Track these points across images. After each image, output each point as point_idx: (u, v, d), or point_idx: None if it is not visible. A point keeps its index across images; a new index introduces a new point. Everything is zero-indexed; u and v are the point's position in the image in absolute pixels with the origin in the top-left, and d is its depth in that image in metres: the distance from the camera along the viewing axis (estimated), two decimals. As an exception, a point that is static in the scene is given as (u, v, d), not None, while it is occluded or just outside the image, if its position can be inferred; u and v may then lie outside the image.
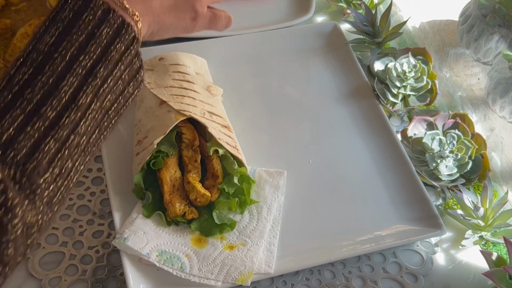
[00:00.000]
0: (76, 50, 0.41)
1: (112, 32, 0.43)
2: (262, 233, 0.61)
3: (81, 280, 0.59)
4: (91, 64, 0.42)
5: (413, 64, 0.78)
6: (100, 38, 0.42)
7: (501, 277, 0.57)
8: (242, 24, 0.87)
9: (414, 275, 0.63)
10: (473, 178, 0.71)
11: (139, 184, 0.61)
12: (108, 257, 0.61)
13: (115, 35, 0.43)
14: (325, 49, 0.85)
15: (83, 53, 0.41)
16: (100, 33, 0.42)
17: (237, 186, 0.61)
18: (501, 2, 0.78)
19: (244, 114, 0.75)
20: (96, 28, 0.42)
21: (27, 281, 0.58)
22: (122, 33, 0.44)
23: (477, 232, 0.67)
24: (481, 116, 0.79)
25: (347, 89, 0.80)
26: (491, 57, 0.82)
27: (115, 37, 0.43)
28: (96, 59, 0.42)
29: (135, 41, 0.45)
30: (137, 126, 0.66)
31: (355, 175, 0.70)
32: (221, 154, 0.62)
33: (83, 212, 0.64)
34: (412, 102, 0.78)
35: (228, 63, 0.80)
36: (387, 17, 0.83)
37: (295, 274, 0.62)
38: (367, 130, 0.75)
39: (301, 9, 0.91)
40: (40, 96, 0.39)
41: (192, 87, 0.67)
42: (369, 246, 0.62)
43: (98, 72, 0.42)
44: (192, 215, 0.60)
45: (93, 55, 0.42)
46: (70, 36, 0.41)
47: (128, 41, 0.44)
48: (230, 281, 0.57)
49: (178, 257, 0.58)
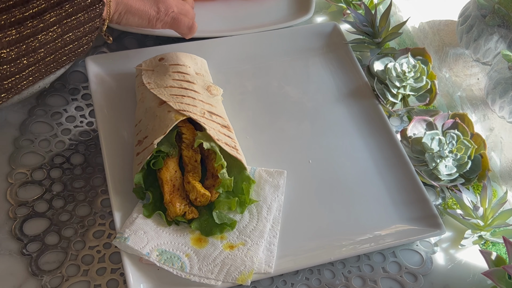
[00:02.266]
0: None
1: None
2: (262, 233, 0.61)
3: (82, 280, 0.59)
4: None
5: (413, 64, 0.78)
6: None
7: (500, 276, 0.57)
8: (242, 24, 0.87)
9: (414, 274, 0.63)
10: (472, 178, 0.71)
11: (139, 184, 0.61)
12: (109, 256, 0.61)
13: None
14: (325, 49, 0.85)
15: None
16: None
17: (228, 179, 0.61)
18: (500, 2, 0.78)
19: (244, 114, 0.75)
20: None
21: (27, 281, 0.59)
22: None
23: (476, 231, 0.67)
24: (480, 116, 0.79)
25: (347, 89, 0.80)
26: (491, 57, 0.82)
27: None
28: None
29: (101, 2, 0.56)
30: (137, 126, 0.66)
31: (354, 175, 0.70)
32: (206, 148, 0.61)
33: (83, 212, 0.64)
34: (412, 102, 0.79)
35: (228, 63, 0.80)
36: (386, 17, 0.84)
37: (295, 273, 0.62)
38: (367, 130, 0.75)
39: (301, 9, 0.91)
40: (12, 2, 0.48)
41: (192, 87, 0.67)
42: (368, 246, 0.62)
43: (63, 6, 0.52)
44: (192, 215, 0.61)
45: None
46: None
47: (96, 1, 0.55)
48: (230, 281, 0.57)
49: (178, 257, 0.58)
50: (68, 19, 0.53)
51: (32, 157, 0.68)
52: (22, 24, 0.49)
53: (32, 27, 0.50)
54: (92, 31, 0.58)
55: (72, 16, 0.53)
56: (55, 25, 0.52)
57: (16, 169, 0.67)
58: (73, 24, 0.54)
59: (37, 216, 0.63)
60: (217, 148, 0.61)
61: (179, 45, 0.79)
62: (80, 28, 0.55)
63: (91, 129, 0.72)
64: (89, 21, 0.56)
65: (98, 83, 0.73)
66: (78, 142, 0.71)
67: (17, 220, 0.63)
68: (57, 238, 0.62)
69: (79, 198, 0.65)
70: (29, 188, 0.66)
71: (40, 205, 0.64)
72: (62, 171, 0.67)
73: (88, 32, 0.57)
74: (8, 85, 0.52)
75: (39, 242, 0.61)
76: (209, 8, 0.90)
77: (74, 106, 0.74)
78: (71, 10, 0.53)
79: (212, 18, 0.88)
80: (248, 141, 0.71)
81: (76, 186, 0.66)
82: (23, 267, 0.59)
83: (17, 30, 0.49)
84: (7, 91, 0.53)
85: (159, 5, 0.67)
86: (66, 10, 0.52)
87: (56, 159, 0.68)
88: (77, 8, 0.54)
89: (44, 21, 0.51)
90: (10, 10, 0.49)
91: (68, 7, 0.52)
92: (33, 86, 0.58)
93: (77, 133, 0.71)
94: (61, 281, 0.59)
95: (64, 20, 0.53)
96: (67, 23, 0.53)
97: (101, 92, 0.72)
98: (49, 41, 0.53)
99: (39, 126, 0.71)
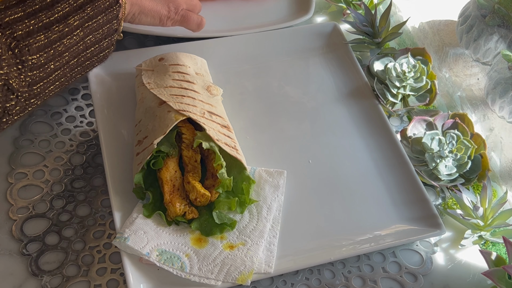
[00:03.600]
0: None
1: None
2: (262, 233, 0.61)
3: (82, 280, 0.59)
4: (82, 2, 0.53)
5: (413, 64, 0.78)
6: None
7: (500, 276, 0.57)
8: (242, 24, 0.87)
9: (414, 274, 0.63)
10: (472, 178, 0.71)
11: (139, 184, 0.61)
12: (109, 256, 0.61)
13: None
14: (325, 49, 0.85)
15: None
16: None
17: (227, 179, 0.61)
18: (500, 2, 0.78)
19: (244, 114, 0.75)
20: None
21: (27, 281, 0.59)
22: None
23: (476, 231, 0.67)
24: (480, 116, 0.79)
25: (347, 89, 0.80)
26: (491, 57, 0.82)
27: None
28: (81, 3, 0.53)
29: (117, 4, 0.56)
30: (137, 126, 0.66)
31: (354, 175, 0.70)
32: (206, 148, 0.62)
33: (83, 212, 0.64)
34: (412, 102, 0.79)
35: (228, 63, 0.80)
36: (386, 17, 0.84)
37: (295, 273, 0.62)
38: (367, 130, 0.75)
39: (301, 9, 0.91)
40: (38, 7, 0.50)
41: (192, 87, 0.68)
42: (368, 246, 0.62)
43: (86, 9, 0.53)
44: (192, 215, 0.61)
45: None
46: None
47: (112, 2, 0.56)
48: (230, 281, 0.57)
49: (178, 257, 0.58)
50: (89, 22, 0.54)
51: (32, 157, 0.68)
52: (49, 29, 0.50)
53: (59, 31, 0.51)
54: (111, 33, 0.58)
55: (93, 19, 0.54)
56: (78, 29, 0.53)
57: (16, 169, 0.67)
58: (93, 26, 0.55)
59: (37, 216, 0.63)
60: (216, 148, 0.62)
61: (179, 45, 0.79)
62: (99, 30, 0.56)
63: (91, 129, 0.72)
64: (107, 23, 0.56)
65: (98, 83, 0.73)
66: (78, 142, 0.71)
67: (17, 220, 0.63)
68: (57, 238, 0.62)
69: (79, 198, 0.65)
70: (29, 188, 0.66)
71: (40, 205, 0.64)
72: (62, 171, 0.67)
73: (107, 35, 0.58)
74: (37, 90, 0.52)
75: (39, 242, 0.61)
76: (209, 8, 0.90)
77: (74, 106, 0.74)
78: (92, 13, 0.54)
79: (212, 18, 0.88)
80: (248, 141, 0.71)
81: (76, 186, 0.66)
82: (23, 267, 0.59)
83: (45, 35, 0.50)
84: (36, 96, 0.53)
85: (170, 4, 0.68)
86: (88, 13, 0.53)
87: (56, 159, 0.68)
88: (97, 11, 0.54)
89: (69, 25, 0.52)
90: (37, 14, 0.50)
91: (89, 10, 0.53)
92: (60, 91, 0.58)
93: (77, 133, 0.71)
94: (61, 281, 0.59)
95: (86, 23, 0.54)
96: (88, 26, 0.54)
97: (101, 92, 0.72)
98: (73, 44, 0.53)
99: (39, 126, 0.71)
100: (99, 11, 0.54)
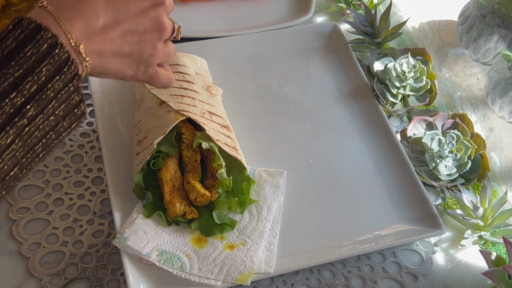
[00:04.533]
0: (9, 86, 0.38)
1: (53, 69, 0.40)
2: (262, 233, 0.61)
3: (82, 279, 0.59)
4: (22, 102, 0.38)
5: (413, 64, 0.78)
6: (39, 75, 0.39)
7: (500, 276, 0.57)
8: (242, 24, 0.88)
9: (414, 274, 0.63)
10: (472, 178, 0.71)
11: (139, 184, 0.61)
12: (109, 256, 0.61)
13: (55, 72, 0.40)
14: (325, 49, 0.85)
15: (15, 90, 0.38)
16: (40, 70, 0.39)
17: (226, 179, 0.61)
18: (500, 2, 0.78)
19: (244, 114, 0.75)
20: (37, 63, 0.39)
21: (27, 281, 0.59)
22: (63, 71, 0.40)
23: (476, 232, 0.67)
24: (480, 116, 0.79)
25: (347, 89, 0.80)
26: (491, 57, 0.82)
27: (55, 75, 0.40)
28: (28, 97, 0.39)
29: (75, 78, 0.42)
30: (137, 126, 0.66)
31: (354, 175, 0.70)
32: (205, 148, 0.61)
33: (83, 212, 0.64)
34: (412, 102, 0.79)
35: (228, 63, 0.80)
36: (386, 18, 0.84)
37: (295, 273, 0.62)
38: (367, 130, 0.75)
39: (301, 9, 0.91)
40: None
41: (192, 87, 0.68)
42: (368, 246, 0.62)
43: (27, 112, 0.39)
44: (192, 215, 0.61)
45: (27, 93, 0.38)
46: (6, 70, 0.38)
47: (68, 79, 0.41)
48: (230, 281, 0.57)
49: (178, 257, 0.58)
50: (32, 123, 0.40)
51: (32, 157, 0.68)
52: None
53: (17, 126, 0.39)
54: (70, 110, 0.44)
55: (39, 116, 0.40)
56: (13, 142, 0.39)
57: (16, 169, 0.67)
58: (43, 119, 0.41)
59: (37, 216, 0.63)
60: (216, 148, 0.62)
61: (179, 45, 0.79)
62: (51, 117, 0.42)
63: (91, 129, 0.72)
64: (62, 103, 0.42)
65: (98, 83, 0.73)
66: (78, 142, 0.71)
67: (17, 220, 0.63)
68: (57, 238, 0.62)
69: (79, 198, 0.65)
70: (29, 188, 0.66)
71: (40, 205, 0.64)
72: (62, 171, 0.67)
73: (65, 114, 0.44)
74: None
75: (39, 242, 0.61)
76: (209, 8, 0.90)
77: (74, 106, 0.74)
78: (36, 112, 0.40)
79: (212, 18, 0.89)
80: (248, 141, 0.71)
81: (76, 186, 0.66)
82: (23, 267, 0.59)
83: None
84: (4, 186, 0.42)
85: (140, 65, 0.53)
86: (31, 115, 0.40)
87: (56, 159, 0.68)
88: (46, 102, 0.41)
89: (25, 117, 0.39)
90: None
91: (32, 110, 0.40)
92: (26, 174, 0.45)
93: (77, 133, 0.71)
94: (61, 281, 0.59)
95: (28, 126, 0.40)
96: (33, 126, 0.40)
97: (101, 92, 0.72)
98: (6, 163, 0.40)
99: (39, 126, 0.71)
100: (49, 99, 0.41)
